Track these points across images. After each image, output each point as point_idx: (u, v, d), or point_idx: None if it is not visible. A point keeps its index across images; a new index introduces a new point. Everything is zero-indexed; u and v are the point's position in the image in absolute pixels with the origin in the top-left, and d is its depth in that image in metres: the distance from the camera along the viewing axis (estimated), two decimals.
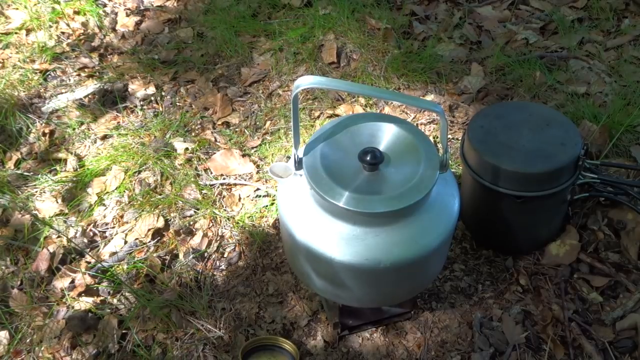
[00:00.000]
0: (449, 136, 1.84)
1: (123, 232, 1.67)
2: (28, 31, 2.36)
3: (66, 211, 1.72)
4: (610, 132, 1.71)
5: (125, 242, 1.64)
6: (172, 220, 1.68)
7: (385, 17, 2.22)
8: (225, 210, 1.70)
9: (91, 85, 2.12)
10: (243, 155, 1.83)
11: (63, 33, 2.34)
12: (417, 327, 1.43)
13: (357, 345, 1.40)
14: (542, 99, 1.91)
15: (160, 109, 2.03)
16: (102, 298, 1.53)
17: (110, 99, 2.08)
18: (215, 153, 1.84)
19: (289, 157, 1.79)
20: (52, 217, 1.71)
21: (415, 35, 2.20)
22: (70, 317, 1.48)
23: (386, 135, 1.12)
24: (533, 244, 1.53)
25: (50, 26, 2.35)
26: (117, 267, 1.58)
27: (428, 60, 2.05)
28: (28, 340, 1.46)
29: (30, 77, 2.15)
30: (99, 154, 1.88)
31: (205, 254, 1.60)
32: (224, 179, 1.79)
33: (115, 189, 1.78)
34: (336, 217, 1.07)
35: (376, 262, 1.07)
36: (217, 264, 1.59)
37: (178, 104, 2.05)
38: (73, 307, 1.51)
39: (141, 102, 2.06)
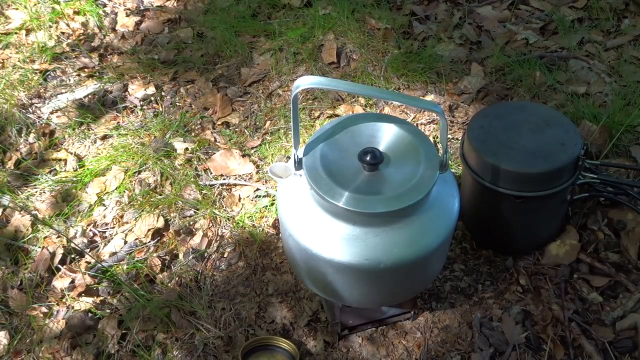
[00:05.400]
0: (449, 136, 1.84)
1: (123, 232, 1.67)
2: (28, 31, 2.36)
3: (66, 211, 1.73)
4: (610, 132, 1.71)
5: (125, 242, 1.64)
6: (172, 220, 1.68)
7: (385, 17, 2.22)
8: (225, 210, 1.70)
9: (91, 85, 2.12)
10: (243, 156, 1.83)
11: (63, 33, 2.34)
12: (417, 327, 1.43)
13: (357, 345, 1.40)
14: (542, 99, 1.91)
15: (160, 109, 2.03)
16: (102, 298, 1.53)
17: (110, 99, 2.08)
18: (215, 153, 1.84)
19: (288, 157, 1.79)
20: (52, 217, 1.71)
21: (415, 35, 2.20)
22: (70, 317, 1.48)
23: (386, 136, 1.12)
24: (533, 244, 1.53)
25: (50, 26, 2.35)
26: (117, 267, 1.58)
27: (428, 60, 2.05)
28: (28, 340, 1.46)
29: (30, 77, 2.15)
30: (99, 154, 1.89)
31: (205, 254, 1.60)
32: (224, 179, 1.79)
33: (115, 189, 1.78)
34: (336, 217, 1.07)
35: (376, 262, 1.07)
36: (217, 264, 1.59)
37: (178, 104, 2.05)
38: (73, 307, 1.51)
39: (141, 102, 2.06)
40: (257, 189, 1.75)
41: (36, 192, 1.79)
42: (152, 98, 2.07)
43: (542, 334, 1.39)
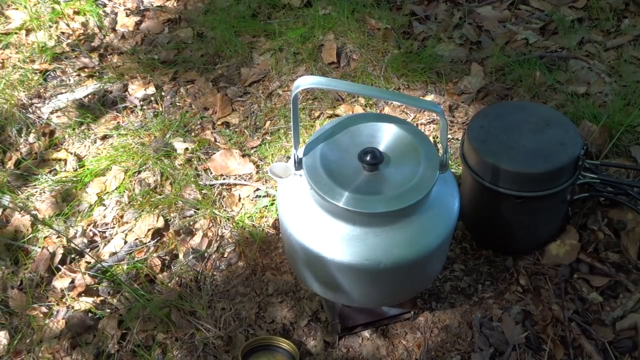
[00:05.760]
0: (449, 136, 1.84)
1: (123, 232, 1.67)
2: (28, 31, 2.36)
3: (66, 211, 1.72)
4: (610, 132, 1.71)
5: (125, 242, 1.64)
6: (172, 220, 1.68)
7: (385, 17, 2.22)
8: (225, 210, 1.70)
9: (91, 85, 2.12)
10: (243, 156, 1.83)
11: (63, 33, 2.34)
12: (417, 327, 1.43)
13: (357, 345, 1.40)
14: (542, 99, 1.91)
15: (160, 109, 2.03)
16: (102, 298, 1.53)
17: (110, 99, 2.08)
18: (215, 153, 1.84)
19: (288, 157, 1.79)
20: (52, 217, 1.71)
21: (415, 35, 2.20)
22: (70, 317, 1.48)
23: (386, 135, 1.12)
24: (533, 244, 1.53)
25: (50, 26, 2.35)
26: (117, 267, 1.58)
27: (428, 60, 2.05)
28: (28, 340, 1.46)
29: (30, 77, 2.15)
30: (99, 154, 1.89)
31: (205, 254, 1.60)
32: (224, 179, 1.79)
33: (115, 189, 1.78)
34: (336, 217, 1.07)
35: (376, 262, 1.07)
36: (217, 264, 1.59)
37: (178, 104, 2.05)
38: (73, 307, 1.51)
39: (141, 102, 2.06)
40: (257, 189, 1.75)
41: (36, 192, 1.79)
42: (152, 98, 2.07)
43: (542, 334, 1.39)
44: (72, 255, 1.63)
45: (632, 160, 1.67)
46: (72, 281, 1.56)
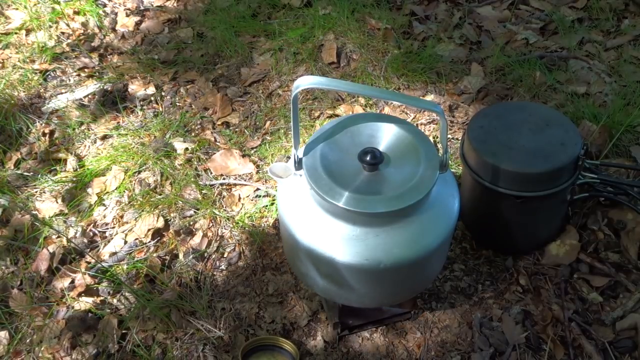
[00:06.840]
0: (449, 136, 1.84)
1: (123, 232, 1.67)
2: (28, 31, 2.36)
3: (66, 211, 1.72)
4: (610, 132, 1.71)
5: (125, 242, 1.64)
6: (172, 220, 1.68)
7: (385, 17, 2.23)
8: (225, 210, 1.70)
9: (91, 85, 2.12)
10: (243, 156, 1.83)
11: (63, 33, 2.34)
12: (417, 327, 1.43)
13: (357, 345, 1.40)
14: (542, 99, 1.91)
15: (160, 109, 2.03)
16: (102, 298, 1.53)
17: (110, 99, 2.08)
18: (215, 153, 1.84)
19: (288, 157, 1.79)
20: (52, 217, 1.71)
21: (415, 35, 2.20)
22: (70, 317, 1.48)
23: (386, 136, 1.12)
24: (533, 244, 1.53)
25: (50, 26, 2.36)
26: (117, 267, 1.58)
27: (428, 60, 2.05)
28: (28, 340, 1.46)
29: (30, 77, 2.15)
30: (99, 154, 1.89)
31: (205, 254, 1.60)
32: (223, 179, 1.79)
33: (115, 189, 1.78)
34: (336, 217, 1.07)
35: (376, 263, 1.07)
36: (217, 264, 1.59)
37: (178, 104, 2.05)
38: (73, 307, 1.51)
39: (141, 102, 2.06)
40: (257, 189, 1.75)
41: (36, 192, 1.79)
42: (152, 98, 2.07)
43: (542, 334, 1.39)
44: (72, 255, 1.63)
45: (632, 160, 1.67)
46: (72, 281, 1.56)
